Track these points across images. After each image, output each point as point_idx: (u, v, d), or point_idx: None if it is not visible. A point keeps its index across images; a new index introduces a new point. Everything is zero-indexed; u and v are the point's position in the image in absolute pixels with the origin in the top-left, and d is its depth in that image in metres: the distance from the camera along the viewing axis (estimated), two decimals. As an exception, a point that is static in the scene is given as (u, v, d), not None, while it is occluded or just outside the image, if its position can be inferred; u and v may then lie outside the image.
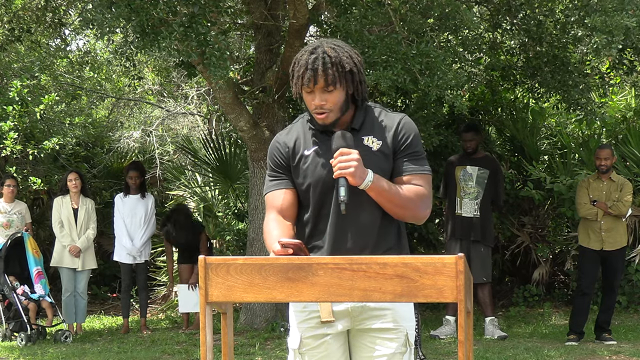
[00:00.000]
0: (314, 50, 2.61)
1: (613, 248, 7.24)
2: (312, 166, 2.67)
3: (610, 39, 6.07)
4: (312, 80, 2.57)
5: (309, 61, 2.58)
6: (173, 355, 7.18)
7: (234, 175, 10.05)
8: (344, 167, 2.51)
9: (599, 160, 7.32)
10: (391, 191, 2.60)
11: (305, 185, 2.68)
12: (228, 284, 2.18)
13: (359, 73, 2.64)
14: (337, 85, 2.58)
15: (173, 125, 13.60)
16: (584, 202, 7.34)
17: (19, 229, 8.57)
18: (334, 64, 2.57)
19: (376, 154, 2.64)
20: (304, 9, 7.13)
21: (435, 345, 7.37)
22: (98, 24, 6.20)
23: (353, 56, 2.64)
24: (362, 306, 2.65)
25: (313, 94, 2.60)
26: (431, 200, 2.71)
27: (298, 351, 2.70)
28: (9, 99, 8.93)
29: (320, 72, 2.56)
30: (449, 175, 8.09)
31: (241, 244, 9.75)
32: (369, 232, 2.64)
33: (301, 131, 2.74)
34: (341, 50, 2.62)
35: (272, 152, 2.76)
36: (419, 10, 6.53)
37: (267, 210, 2.75)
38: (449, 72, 6.43)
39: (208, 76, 6.79)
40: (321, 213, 2.67)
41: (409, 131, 2.68)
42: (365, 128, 2.68)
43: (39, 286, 8.29)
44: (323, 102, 2.59)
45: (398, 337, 2.65)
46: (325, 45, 2.62)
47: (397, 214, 2.65)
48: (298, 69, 2.62)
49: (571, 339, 7.32)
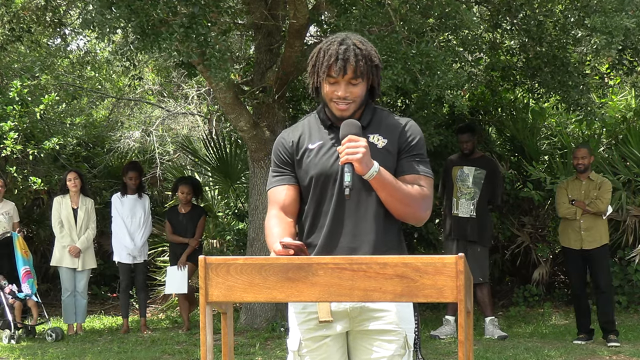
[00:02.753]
0: (342, 41, 2.61)
1: (592, 247, 7.26)
2: (315, 159, 2.67)
3: (610, 40, 6.08)
4: (342, 70, 2.58)
5: (339, 51, 2.59)
6: (173, 355, 7.18)
7: (234, 175, 10.06)
8: (351, 152, 2.50)
9: (576, 160, 7.36)
10: (395, 185, 2.59)
11: (308, 178, 2.68)
12: (228, 284, 2.18)
13: (380, 69, 2.69)
14: (363, 78, 2.61)
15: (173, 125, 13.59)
16: (563, 201, 7.40)
17: (7, 229, 8.58)
18: (364, 57, 2.59)
19: (381, 152, 2.65)
20: (304, 9, 7.13)
21: (435, 345, 7.37)
22: (98, 25, 6.20)
23: (377, 52, 2.68)
24: (361, 307, 2.64)
25: (337, 84, 2.61)
26: (432, 202, 2.71)
27: (297, 353, 2.69)
28: (9, 99, 8.93)
29: (351, 63, 2.57)
30: (447, 175, 8.10)
31: (241, 244, 9.75)
32: (368, 233, 2.63)
33: (307, 126, 2.75)
34: (368, 44, 2.65)
35: (277, 148, 2.77)
36: (419, 10, 6.53)
37: (269, 205, 2.75)
38: (449, 72, 6.43)
39: (208, 77, 6.79)
40: (321, 209, 2.67)
41: (414, 133, 2.70)
42: (372, 126, 2.70)
43: (26, 285, 8.30)
44: (347, 94, 2.61)
45: (397, 339, 2.65)
46: (353, 37, 2.64)
47: (398, 210, 2.64)
48: (327, 58, 2.60)
49: (580, 338, 7.37)
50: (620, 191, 8.93)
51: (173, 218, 8.82)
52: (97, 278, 11.25)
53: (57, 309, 9.10)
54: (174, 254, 8.77)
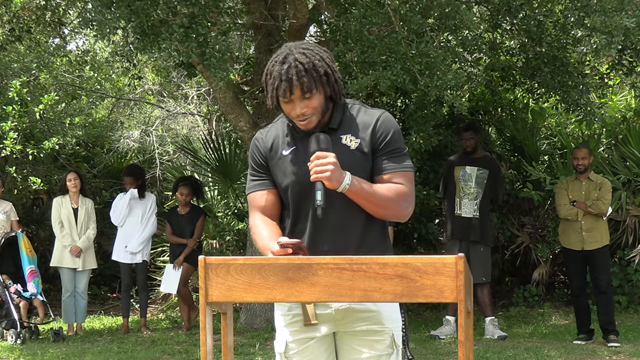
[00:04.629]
0: (284, 60, 2.54)
1: (594, 247, 7.25)
2: (289, 167, 2.64)
3: (609, 40, 6.07)
4: (288, 91, 2.52)
5: (282, 72, 2.52)
6: (173, 355, 7.18)
7: (233, 175, 10.05)
8: (319, 170, 2.48)
9: (576, 160, 7.34)
10: (370, 192, 2.56)
11: (284, 184, 2.65)
12: (228, 284, 2.18)
13: (333, 73, 2.60)
14: (313, 91, 2.54)
15: (173, 125, 13.59)
16: (564, 202, 7.37)
17: (4, 228, 8.58)
18: (308, 71, 2.51)
19: (354, 153, 2.61)
20: (304, 9, 7.13)
21: (435, 345, 7.37)
22: (98, 25, 6.20)
23: (324, 57, 2.59)
24: (346, 309, 2.62)
25: (292, 103, 2.56)
26: (413, 197, 2.66)
27: (284, 354, 2.68)
28: (8, 99, 8.93)
29: (295, 82, 2.50)
30: (448, 175, 8.10)
31: (241, 244, 9.75)
32: (349, 233, 2.61)
33: (280, 131, 2.71)
34: (311, 53, 2.56)
35: (252, 151, 2.74)
36: (418, 10, 6.53)
37: (251, 210, 2.74)
38: (448, 72, 6.43)
39: (208, 77, 6.79)
40: (300, 214, 2.65)
41: (387, 128, 2.63)
42: (343, 126, 2.64)
43: (32, 285, 8.31)
44: (304, 110, 2.55)
45: (384, 339, 2.64)
46: (295, 51, 2.55)
47: (377, 213, 2.61)
48: (272, 82, 2.55)
49: (580, 338, 7.36)
50: (620, 191, 8.93)
51: (172, 219, 8.82)
52: (97, 278, 11.24)
53: (57, 309, 9.09)
54: (174, 254, 8.78)
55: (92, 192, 10.50)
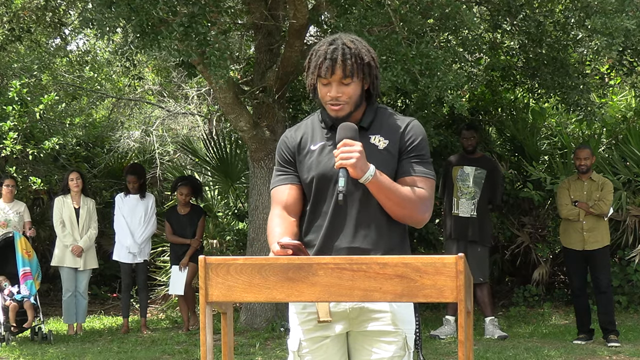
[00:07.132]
0: (333, 42, 2.62)
1: (595, 248, 7.25)
2: (316, 160, 2.67)
3: (610, 41, 6.07)
4: (329, 70, 2.57)
5: (327, 51, 2.59)
6: (173, 355, 7.18)
7: (234, 175, 10.05)
8: (345, 157, 2.50)
9: (579, 160, 7.33)
10: (392, 188, 2.58)
11: (309, 179, 2.67)
12: (228, 284, 2.18)
13: (375, 67, 2.66)
14: (354, 78, 2.59)
15: (173, 125, 13.58)
16: (566, 202, 7.36)
17: (17, 228, 8.56)
18: (353, 55, 2.58)
19: (382, 153, 2.64)
20: (304, 9, 7.13)
21: (435, 345, 7.37)
22: (98, 24, 6.20)
23: (370, 50, 2.67)
24: (361, 308, 2.63)
25: (329, 85, 2.60)
26: (432, 204, 2.69)
27: (297, 353, 2.69)
28: (8, 99, 8.93)
29: (339, 63, 2.56)
30: (447, 175, 8.11)
31: (241, 244, 9.74)
32: (368, 234, 2.62)
33: (310, 127, 2.75)
34: (360, 43, 2.64)
35: (280, 147, 2.77)
36: (419, 11, 6.53)
37: (273, 204, 2.75)
38: (448, 73, 6.43)
39: (208, 76, 6.79)
40: (320, 209, 2.66)
41: (417, 133, 2.68)
42: (373, 127, 2.69)
43: (24, 287, 8.19)
44: (339, 94, 2.60)
45: (397, 340, 2.64)
46: (344, 37, 2.64)
47: (395, 213, 2.62)
48: (316, 59, 2.61)
49: (580, 338, 7.36)
50: (620, 191, 8.93)
51: (172, 219, 8.82)
52: (97, 278, 11.24)
53: (57, 309, 9.08)
54: (174, 254, 8.78)
55: (92, 192, 10.49)
